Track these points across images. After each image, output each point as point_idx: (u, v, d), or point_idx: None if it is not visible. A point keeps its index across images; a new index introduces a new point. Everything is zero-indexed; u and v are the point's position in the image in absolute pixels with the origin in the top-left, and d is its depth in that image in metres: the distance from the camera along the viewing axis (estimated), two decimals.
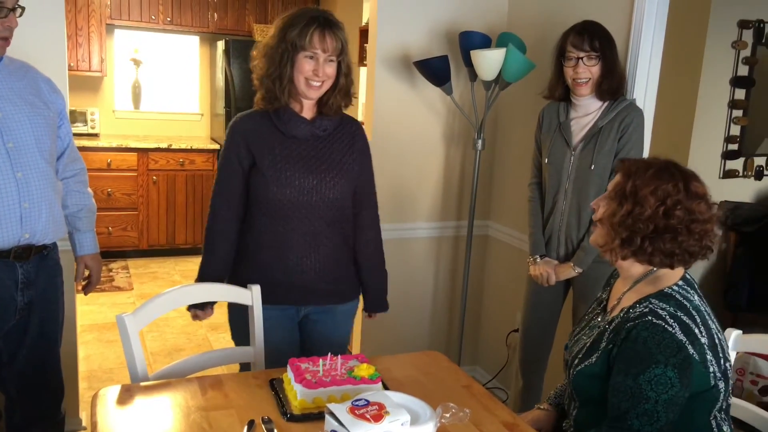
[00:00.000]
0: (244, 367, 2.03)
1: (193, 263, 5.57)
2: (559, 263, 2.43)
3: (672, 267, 1.47)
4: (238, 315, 2.00)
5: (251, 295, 1.95)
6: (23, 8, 1.78)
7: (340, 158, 1.97)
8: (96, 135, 5.42)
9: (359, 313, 3.23)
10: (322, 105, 1.94)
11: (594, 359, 1.50)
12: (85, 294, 2.24)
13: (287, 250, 1.95)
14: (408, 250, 3.30)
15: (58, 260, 2.07)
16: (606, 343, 1.48)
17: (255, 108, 1.97)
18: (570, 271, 2.38)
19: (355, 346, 3.35)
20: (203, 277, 2.00)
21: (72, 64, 5.14)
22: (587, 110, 2.36)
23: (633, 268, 1.52)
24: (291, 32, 1.83)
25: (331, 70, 1.88)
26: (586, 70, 2.29)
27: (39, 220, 1.87)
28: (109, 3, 5.26)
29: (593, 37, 2.27)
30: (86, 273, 2.19)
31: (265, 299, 1.95)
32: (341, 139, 1.99)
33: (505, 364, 3.27)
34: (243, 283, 1.94)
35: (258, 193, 1.93)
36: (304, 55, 1.84)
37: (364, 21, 5.16)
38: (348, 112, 2.07)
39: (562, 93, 2.41)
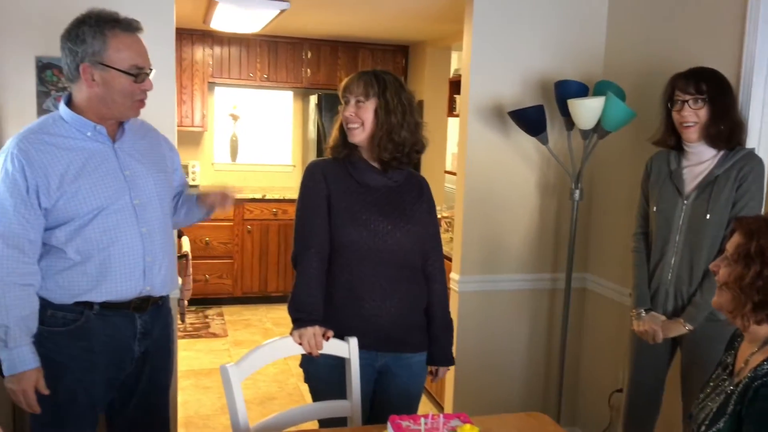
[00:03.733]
0: (324, 423, 1.97)
1: (284, 311, 5.65)
2: (666, 319, 2.29)
3: None
4: (315, 367, 2.00)
5: (348, 347, 1.95)
6: (152, 70, 1.91)
7: (411, 206, 2.04)
8: (196, 186, 5.69)
9: (450, 370, 3.18)
10: (378, 156, 2.00)
11: (722, 424, 1.41)
12: (229, 207, 2.16)
13: (363, 293, 1.97)
14: (500, 303, 3.22)
15: (171, 310, 2.14)
16: (734, 405, 1.39)
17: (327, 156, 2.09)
18: (680, 328, 2.23)
19: (447, 405, 3.26)
20: (302, 305, 1.95)
21: (177, 121, 5.45)
22: (701, 158, 2.25)
23: (761, 330, 1.42)
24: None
25: (362, 112, 1.97)
26: (692, 113, 2.19)
27: (159, 273, 1.94)
28: (211, 63, 5.58)
29: (700, 80, 2.19)
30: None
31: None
32: (410, 190, 2.07)
33: (607, 425, 3.08)
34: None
35: (334, 235, 1.97)
36: (343, 103, 2.01)
37: (452, 72, 5.21)
38: (437, 160, 2.10)
39: (673, 141, 2.31)
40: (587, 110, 2.67)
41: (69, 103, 1.87)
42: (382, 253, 1.97)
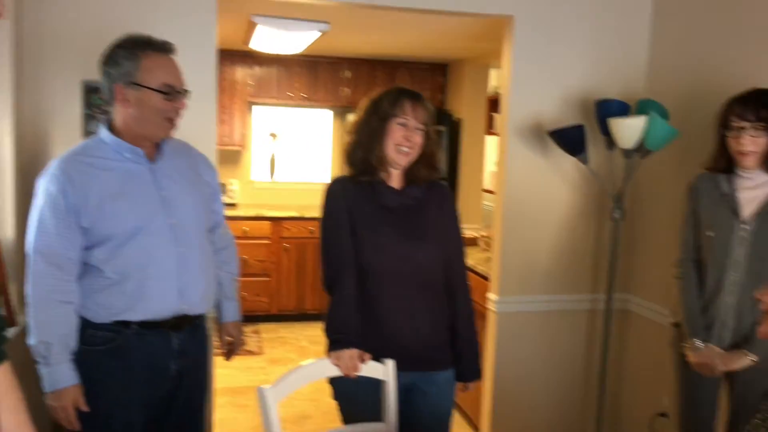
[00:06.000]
0: None
1: (320, 329, 5.67)
2: (724, 351, 2.15)
3: None
4: (345, 387, 1.98)
5: (388, 370, 1.92)
6: (188, 91, 1.93)
7: (432, 222, 2.02)
8: (234, 205, 5.75)
9: (487, 392, 3.13)
10: (409, 174, 2.02)
11: None
12: (227, 359, 2.30)
13: (383, 316, 1.96)
14: (539, 324, 3.16)
15: (207, 329, 2.14)
16: None
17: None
18: (744, 360, 2.08)
19: (484, 427, 3.20)
20: (339, 327, 1.95)
21: (217, 140, 5.53)
22: (755, 182, 2.15)
23: None
24: (382, 104, 1.96)
25: (419, 138, 1.97)
26: (751, 141, 2.08)
27: (195, 292, 1.95)
28: (251, 83, 5.66)
29: (759, 106, 2.07)
30: (228, 340, 2.26)
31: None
32: (430, 205, 2.04)
33: None
34: None
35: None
36: (396, 122, 1.94)
37: (490, 90, 5.19)
38: (474, 178, 2.08)
39: (723, 164, 2.20)
40: (629, 129, 2.62)
41: (110, 126, 1.91)
42: (402, 276, 1.97)
